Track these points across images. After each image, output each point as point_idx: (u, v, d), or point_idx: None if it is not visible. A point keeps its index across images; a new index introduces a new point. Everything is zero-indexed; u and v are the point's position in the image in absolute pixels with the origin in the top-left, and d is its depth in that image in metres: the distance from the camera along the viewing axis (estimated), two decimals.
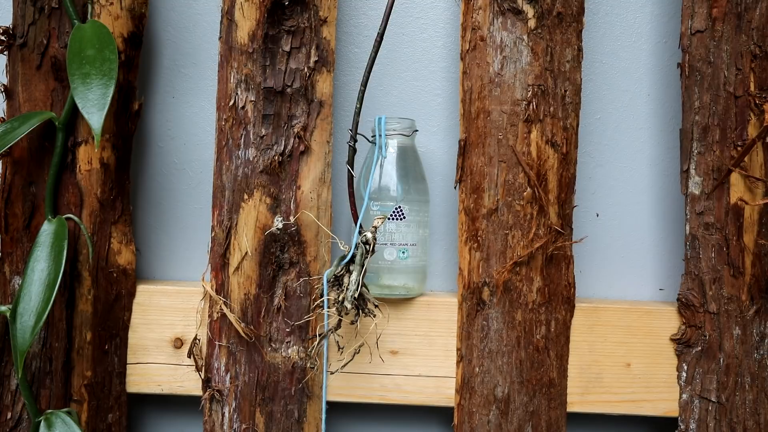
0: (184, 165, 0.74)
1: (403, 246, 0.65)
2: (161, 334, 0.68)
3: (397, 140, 0.66)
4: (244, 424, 0.66)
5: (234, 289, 0.66)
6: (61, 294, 0.65)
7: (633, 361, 0.67)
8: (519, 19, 0.64)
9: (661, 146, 0.72)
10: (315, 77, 0.66)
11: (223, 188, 0.66)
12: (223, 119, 0.66)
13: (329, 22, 0.66)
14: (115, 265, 0.67)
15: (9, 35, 0.65)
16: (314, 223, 0.66)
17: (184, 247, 0.74)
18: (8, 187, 0.65)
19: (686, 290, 0.65)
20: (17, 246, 0.65)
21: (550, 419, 0.65)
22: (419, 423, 0.73)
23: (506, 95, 0.64)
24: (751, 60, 0.64)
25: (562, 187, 0.65)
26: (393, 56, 0.73)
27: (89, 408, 0.66)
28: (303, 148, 0.66)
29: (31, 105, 0.65)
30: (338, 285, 0.60)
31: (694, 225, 0.65)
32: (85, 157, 0.65)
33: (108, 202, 0.66)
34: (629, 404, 0.66)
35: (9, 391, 0.65)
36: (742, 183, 0.64)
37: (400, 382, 0.68)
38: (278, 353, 0.66)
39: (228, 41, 0.66)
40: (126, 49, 0.66)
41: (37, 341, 0.65)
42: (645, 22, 0.73)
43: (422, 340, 0.68)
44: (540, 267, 0.65)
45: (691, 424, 0.65)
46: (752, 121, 0.64)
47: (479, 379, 0.65)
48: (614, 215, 0.73)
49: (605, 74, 0.73)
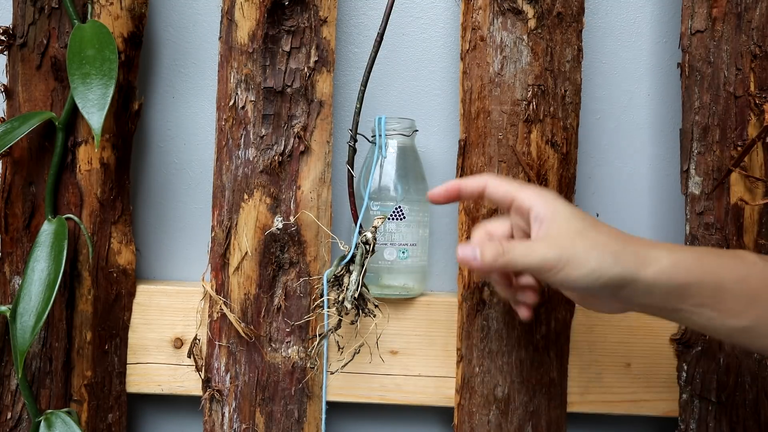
0: (184, 165, 0.74)
1: (403, 246, 0.65)
2: (161, 334, 0.68)
3: (397, 140, 0.66)
4: (244, 424, 0.66)
5: (234, 289, 0.66)
6: (61, 294, 0.65)
7: (633, 361, 0.67)
8: (519, 19, 0.64)
9: (661, 146, 0.72)
10: (315, 77, 0.66)
11: (223, 188, 0.66)
12: (223, 119, 0.66)
13: (329, 22, 0.66)
14: (115, 265, 0.67)
15: (9, 35, 0.65)
16: (314, 223, 0.66)
17: (184, 247, 0.74)
18: (8, 187, 0.65)
19: None
20: (17, 246, 0.65)
21: (550, 419, 0.65)
22: (419, 423, 0.73)
23: (506, 95, 0.64)
24: (751, 60, 0.64)
25: (562, 187, 0.65)
26: (393, 56, 0.73)
27: (89, 408, 0.66)
28: (303, 148, 0.66)
29: (31, 105, 0.65)
30: (338, 285, 0.60)
31: (694, 225, 0.65)
32: (85, 157, 0.65)
33: (108, 202, 0.66)
34: (629, 404, 0.66)
35: (9, 391, 0.65)
36: (742, 183, 0.64)
37: (400, 382, 0.68)
38: (278, 353, 0.66)
39: (228, 41, 0.66)
40: (126, 49, 0.66)
41: (37, 341, 0.65)
42: (645, 22, 0.73)
43: (422, 340, 0.68)
44: None
45: (691, 424, 0.65)
46: (752, 121, 0.64)
47: (479, 379, 0.65)
48: (614, 215, 0.73)
49: (605, 74, 0.73)
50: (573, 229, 0.48)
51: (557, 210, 0.49)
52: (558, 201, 0.50)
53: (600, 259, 0.46)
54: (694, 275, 0.46)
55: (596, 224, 0.49)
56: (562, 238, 0.48)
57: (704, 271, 0.47)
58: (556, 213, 0.49)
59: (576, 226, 0.48)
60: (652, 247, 0.48)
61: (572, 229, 0.48)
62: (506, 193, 0.52)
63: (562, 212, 0.49)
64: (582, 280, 0.47)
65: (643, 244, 0.48)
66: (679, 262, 0.47)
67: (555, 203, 0.50)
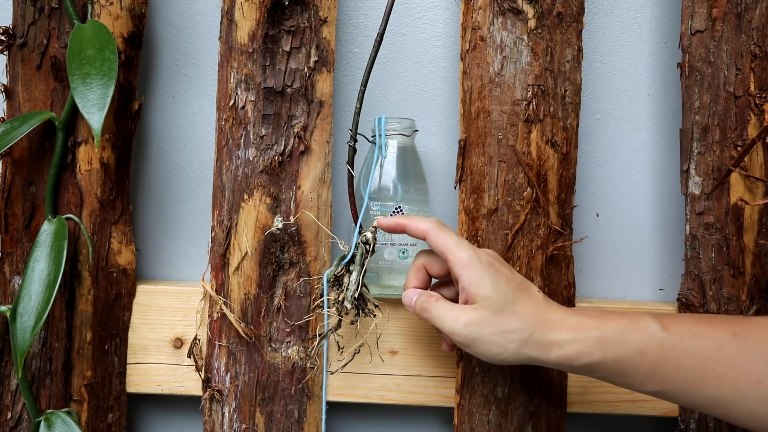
0: (184, 165, 0.74)
1: (403, 246, 0.65)
2: (161, 334, 0.68)
3: (397, 140, 0.66)
4: (244, 424, 0.66)
5: (234, 289, 0.66)
6: (61, 294, 0.65)
7: None
8: (519, 19, 0.64)
9: (661, 146, 0.72)
10: (315, 77, 0.66)
11: (223, 188, 0.66)
12: (223, 119, 0.66)
13: (329, 22, 0.66)
14: (115, 265, 0.67)
15: (9, 35, 0.65)
16: (314, 223, 0.66)
17: (184, 247, 0.74)
18: (8, 187, 0.65)
19: (686, 290, 0.65)
20: (17, 246, 0.65)
21: (550, 419, 0.65)
22: (419, 423, 0.73)
23: (506, 95, 0.64)
24: (751, 60, 0.64)
25: (562, 187, 0.65)
26: (393, 56, 0.73)
27: (89, 408, 0.66)
28: (303, 148, 0.66)
29: (31, 105, 0.65)
30: (338, 285, 0.60)
31: (694, 225, 0.65)
32: (85, 157, 0.65)
33: (108, 202, 0.66)
34: (629, 404, 0.66)
35: (9, 391, 0.65)
36: (742, 183, 0.64)
37: (400, 382, 0.68)
38: (278, 353, 0.66)
39: (228, 41, 0.66)
40: (126, 49, 0.66)
41: (37, 341, 0.65)
42: (645, 22, 0.73)
43: (422, 340, 0.68)
44: (540, 267, 0.65)
45: (691, 424, 0.65)
46: (752, 121, 0.64)
47: (479, 379, 0.65)
48: (614, 215, 0.73)
49: (605, 74, 0.73)
50: (491, 309, 0.52)
51: (482, 285, 0.53)
52: (486, 275, 0.53)
53: (503, 347, 0.52)
54: (596, 356, 0.51)
55: (517, 301, 0.53)
56: (477, 318, 0.52)
57: (605, 350, 0.50)
58: (479, 290, 0.52)
59: (494, 305, 0.52)
60: (559, 329, 0.52)
61: (490, 310, 0.52)
62: (442, 252, 0.55)
63: (486, 289, 0.52)
64: (487, 358, 0.53)
65: (551, 325, 0.52)
66: (582, 347, 0.51)
67: (482, 279, 0.53)
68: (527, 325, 0.52)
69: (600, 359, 0.50)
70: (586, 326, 0.51)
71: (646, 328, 0.50)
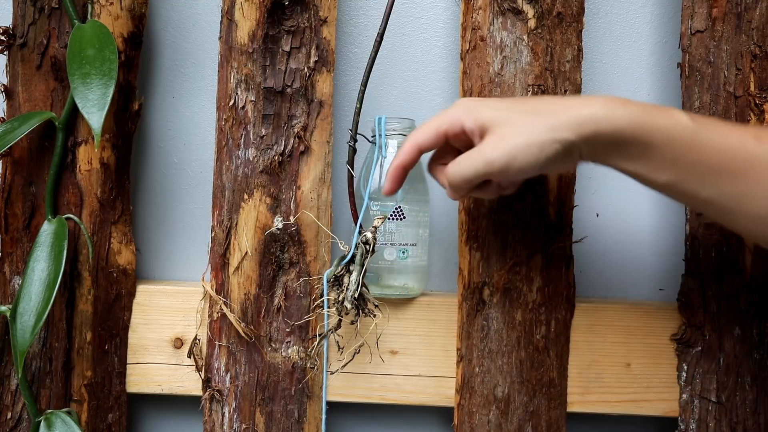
0: (184, 165, 0.74)
1: (403, 246, 0.65)
2: (161, 334, 0.68)
3: (397, 140, 0.66)
4: (244, 424, 0.66)
5: (234, 289, 0.66)
6: (61, 294, 0.65)
7: (633, 361, 0.67)
8: (519, 19, 0.64)
9: None
10: (315, 77, 0.66)
11: (223, 188, 0.66)
12: (223, 119, 0.66)
13: (329, 22, 0.66)
14: (115, 265, 0.67)
15: (9, 35, 0.65)
16: (314, 223, 0.66)
17: (184, 247, 0.74)
18: (8, 187, 0.65)
19: (686, 290, 0.65)
20: (17, 246, 0.65)
21: (550, 419, 0.65)
22: (419, 423, 0.73)
23: (506, 95, 0.64)
24: (751, 60, 0.64)
25: (562, 187, 0.65)
26: (393, 56, 0.73)
27: (89, 408, 0.66)
28: (303, 148, 0.66)
29: (31, 105, 0.65)
30: (338, 285, 0.61)
31: (694, 225, 0.65)
32: (85, 157, 0.65)
33: (108, 202, 0.66)
34: (629, 404, 0.66)
35: (9, 391, 0.65)
36: None
37: (400, 382, 0.68)
38: (278, 353, 0.66)
39: (228, 41, 0.66)
40: (126, 49, 0.66)
41: (37, 341, 0.65)
42: (645, 22, 0.73)
43: (422, 340, 0.68)
44: (540, 267, 0.65)
45: (691, 424, 0.65)
46: (752, 121, 0.64)
47: (479, 379, 0.65)
48: (614, 215, 0.73)
49: (605, 74, 0.73)
50: (503, 120, 0.51)
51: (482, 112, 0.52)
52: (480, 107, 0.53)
53: (537, 140, 0.50)
54: (627, 134, 0.50)
55: (525, 101, 0.53)
56: (497, 135, 0.51)
57: (635, 129, 0.49)
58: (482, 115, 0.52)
59: (505, 117, 0.51)
60: (585, 106, 0.50)
61: (503, 120, 0.51)
62: (437, 136, 0.55)
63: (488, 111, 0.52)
64: (529, 164, 0.50)
65: (575, 103, 0.51)
66: (615, 122, 0.50)
67: (476, 112, 0.52)
68: (549, 109, 0.51)
69: (629, 137, 0.49)
70: (616, 103, 0.51)
71: (675, 115, 0.50)
